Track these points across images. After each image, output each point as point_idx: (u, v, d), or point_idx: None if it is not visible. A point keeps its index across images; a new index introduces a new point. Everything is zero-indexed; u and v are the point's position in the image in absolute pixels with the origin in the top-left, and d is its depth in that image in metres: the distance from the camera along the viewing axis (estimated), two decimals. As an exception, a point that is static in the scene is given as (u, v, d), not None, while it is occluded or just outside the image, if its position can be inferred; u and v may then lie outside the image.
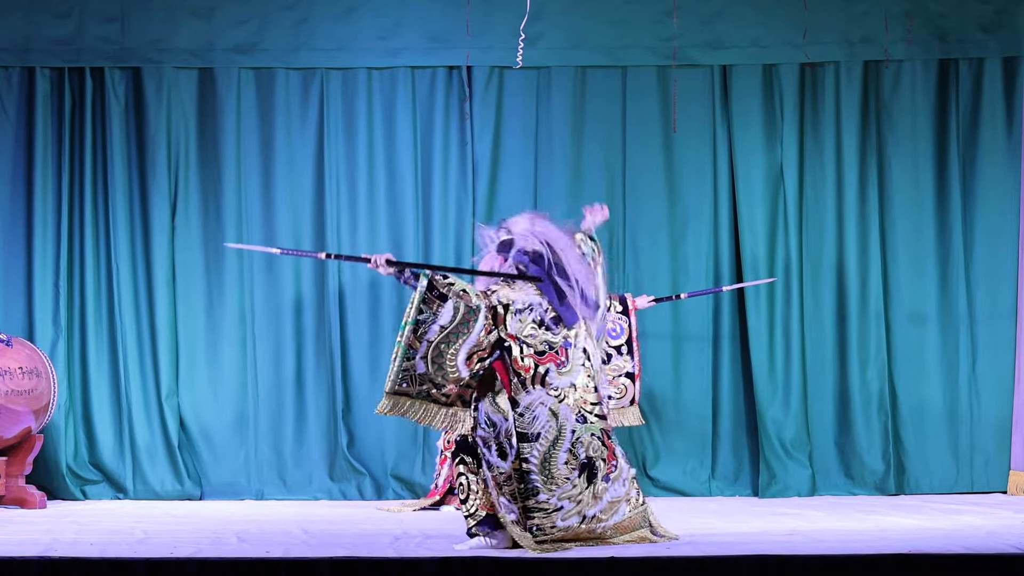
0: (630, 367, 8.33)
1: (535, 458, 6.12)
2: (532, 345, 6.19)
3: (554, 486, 6.12)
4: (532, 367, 6.18)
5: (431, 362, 6.06)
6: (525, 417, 6.15)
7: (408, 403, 6.08)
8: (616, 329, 8.33)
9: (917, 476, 8.97)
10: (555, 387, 6.21)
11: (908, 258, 9.09)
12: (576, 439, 6.19)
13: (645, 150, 9.13)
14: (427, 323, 6.06)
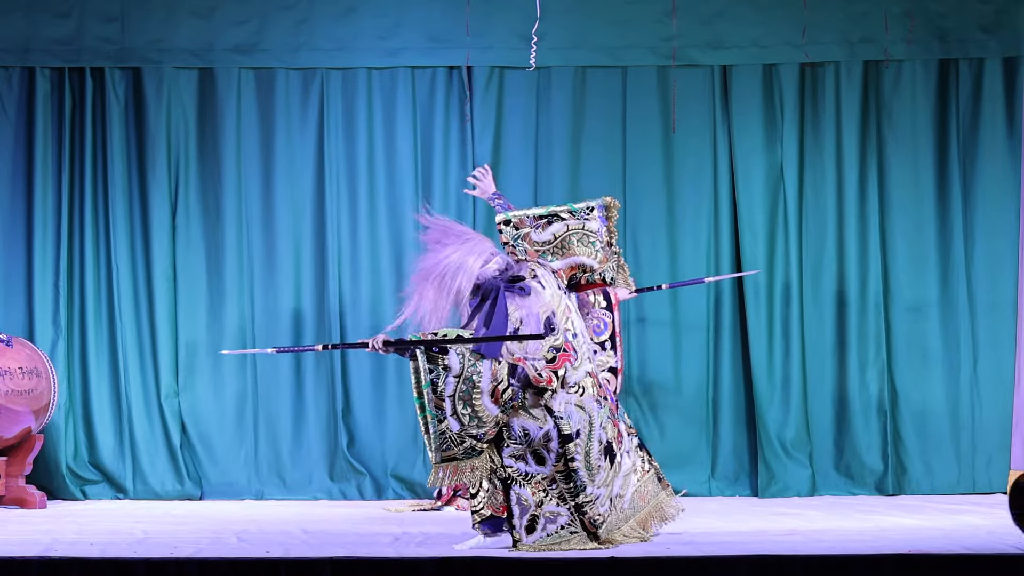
0: (613, 362, 8.37)
1: (579, 456, 6.16)
2: (541, 357, 6.19)
3: (594, 477, 6.18)
4: (554, 376, 6.19)
5: (462, 415, 6.04)
6: (564, 420, 6.17)
7: (458, 466, 6.08)
8: (600, 325, 8.36)
9: (917, 476, 8.97)
10: (573, 384, 6.23)
11: (908, 258, 9.09)
12: (601, 426, 6.25)
13: (645, 150, 9.13)
14: (440, 379, 6.02)
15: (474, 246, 6.31)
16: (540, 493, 6.18)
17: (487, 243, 6.38)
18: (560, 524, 6.16)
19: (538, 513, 6.16)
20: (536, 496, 6.17)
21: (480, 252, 6.30)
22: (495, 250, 6.36)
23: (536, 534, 6.15)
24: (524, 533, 6.13)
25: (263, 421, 8.95)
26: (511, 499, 6.18)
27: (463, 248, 6.29)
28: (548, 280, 6.37)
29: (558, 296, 6.34)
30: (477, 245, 6.33)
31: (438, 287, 6.21)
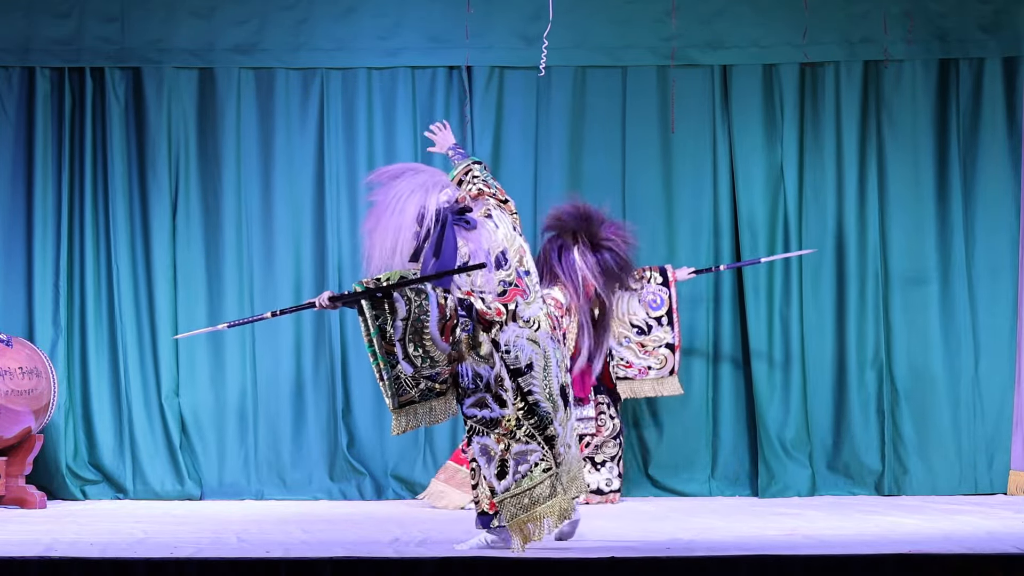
0: (670, 338, 8.52)
1: (537, 387, 6.10)
2: (490, 291, 6.10)
3: (555, 412, 6.12)
4: (503, 309, 6.12)
5: (414, 357, 5.95)
6: (511, 353, 6.10)
7: (415, 411, 6.01)
8: (656, 300, 8.50)
9: (917, 476, 8.97)
10: (527, 318, 6.16)
11: (908, 258, 9.09)
12: (558, 363, 6.19)
13: (645, 150, 9.13)
14: (388, 324, 5.91)
15: (427, 177, 6.23)
16: (506, 438, 6.10)
17: (440, 175, 6.29)
18: (533, 461, 6.06)
19: (507, 457, 6.07)
20: (501, 443, 6.09)
21: (433, 182, 6.22)
22: (447, 182, 6.28)
23: (508, 479, 6.05)
24: (496, 481, 6.06)
25: (263, 421, 8.95)
26: (476, 451, 6.13)
27: (416, 178, 6.21)
28: (503, 220, 6.30)
29: (511, 236, 6.26)
30: (431, 176, 6.24)
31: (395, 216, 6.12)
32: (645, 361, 8.60)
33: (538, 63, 9.02)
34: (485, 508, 6.20)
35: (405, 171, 6.30)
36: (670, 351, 8.59)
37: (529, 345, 6.13)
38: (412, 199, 6.17)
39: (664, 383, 8.62)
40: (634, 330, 8.61)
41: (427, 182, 6.23)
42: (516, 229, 6.32)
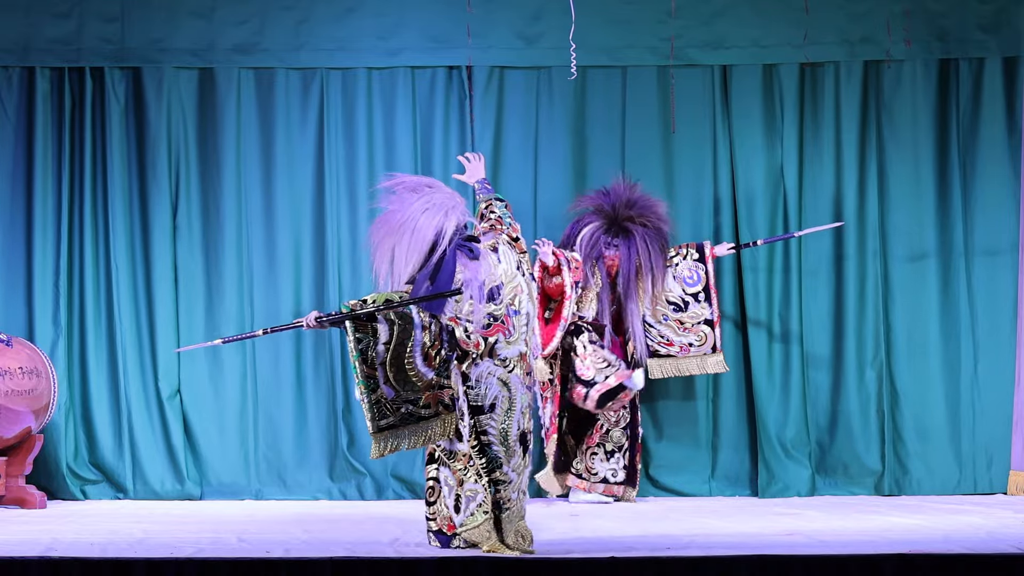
0: (708, 314, 8.57)
1: (493, 429, 6.14)
2: (475, 321, 6.13)
3: (510, 457, 6.17)
4: (481, 342, 6.16)
5: (395, 382, 5.98)
6: (477, 389, 6.14)
7: (395, 434, 6.01)
8: (692, 276, 8.55)
9: (917, 476, 8.97)
10: (503, 357, 6.20)
11: (908, 259, 9.09)
12: (524, 408, 6.23)
13: (645, 150, 9.13)
14: (370, 348, 5.94)
15: (446, 198, 6.24)
16: (461, 472, 6.16)
17: (457, 197, 6.30)
18: (478, 502, 6.14)
19: (460, 492, 6.15)
20: (457, 475, 6.17)
21: (452, 204, 6.24)
22: (463, 206, 6.30)
23: (461, 515, 6.16)
24: (453, 512, 6.14)
25: (263, 421, 8.94)
26: (438, 475, 6.21)
27: (434, 197, 6.22)
28: (508, 256, 6.32)
29: (512, 274, 6.28)
30: (450, 198, 6.26)
31: (412, 234, 6.13)
32: (685, 338, 8.63)
33: (539, 63, 9.04)
34: (444, 529, 6.23)
35: (422, 186, 6.29)
36: (709, 327, 8.62)
37: (497, 385, 6.18)
38: (431, 218, 6.17)
39: (707, 360, 8.67)
40: (671, 307, 8.62)
41: (446, 203, 6.24)
42: (520, 268, 6.34)
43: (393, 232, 6.17)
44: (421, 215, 6.17)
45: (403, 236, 6.15)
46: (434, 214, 6.19)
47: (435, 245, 6.18)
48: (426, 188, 6.28)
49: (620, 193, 8.55)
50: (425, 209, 6.19)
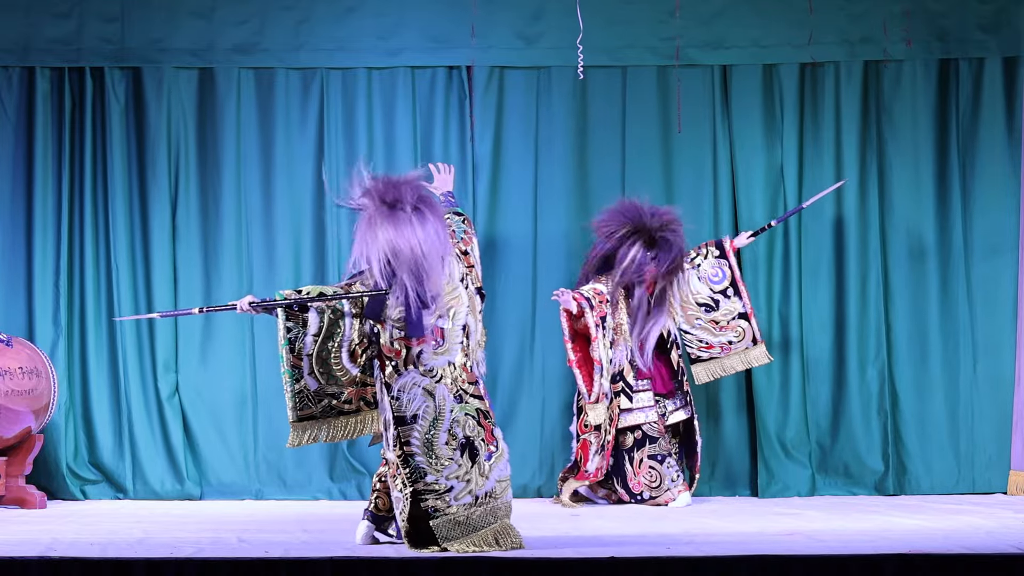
0: (740, 307, 8.53)
1: (416, 440, 6.17)
2: (403, 328, 6.18)
3: (440, 467, 6.18)
4: (403, 350, 6.19)
5: (319, 374, 6.09)
6: (400, 400, 6.18)
7: (316, 426, 6.12)
8: (717, 274, 8.52)
9: (917, 476, 8.97)
10: (429, 367, 6.22)
11: (908, 259, 9.09)
12: (454, 418, 6.23)
13: (645, 150, 9.13)
14: (299, 338, 6.06)
15: (443, 239, 6.27)
16: (390, 478, 6.27)
17: (448, 245, 6.33)
18: (400, 508, 6.21)
19: (397, 495, 6.26)
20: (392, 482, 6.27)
21: (446, 249, 6.28)
22: (449, 249, 6.35)
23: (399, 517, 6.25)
24: (399, 516, 6.24)
25: (263, 421, 8.94)
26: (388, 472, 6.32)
27: (439, 233, 6.26)
28: (452, 267, 6.36)
29: (453, 284, 6.31)
30: (445, 243, 6.29)
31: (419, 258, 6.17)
32: (724, 336, 8.60)
33: (539, 63, 9.04)
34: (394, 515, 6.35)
35: (432, 209, 6.28)
36: (744, 320, 8.56)
37: (422, 396, 6.20)
38: (435, 251, 6.20)
39: (750, 354, 8.63)
40: (702, 309, 8.59)
41: (445, 246, 6.26)
42: (464, 281, 6.38)
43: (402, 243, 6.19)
44: (428, 245, 6.19)
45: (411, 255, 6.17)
46: (437, 248, 6.22)
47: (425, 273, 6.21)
48: (435, 219, 6.28)
49: (641, 207, 8.45)
50: (432, 241, 6.21)
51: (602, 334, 8.29)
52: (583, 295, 8.35)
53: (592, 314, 8.29)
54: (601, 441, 8.37)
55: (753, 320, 8.60)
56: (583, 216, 9.08)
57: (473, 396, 6.29)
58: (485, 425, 6.30)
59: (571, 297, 8.30)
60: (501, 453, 6.34)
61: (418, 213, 6.22)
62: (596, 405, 8.28)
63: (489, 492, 6.24)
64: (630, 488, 8.42)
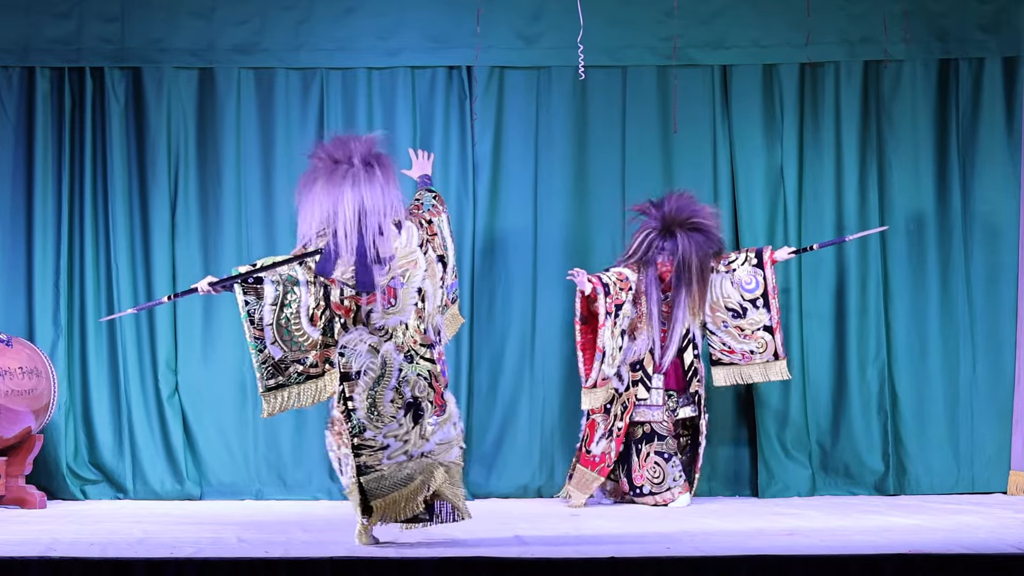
0: (767, 320, 8.46)
1: (359, 395, 6.33)
2: (352, 286, 6.33)
3: (380, 423, 6.33)
4: (353, 308, 6.34)
5: (283, 343, 6.24)
6: (345, 356, 6.34)
7: (287, 393, 6.29)
8: (751, 282, 8.48)
9: (917, 476, 8.97)
10: (379, 326, 6.37)
11: (908, 259, 9.09)
12: (403, 377, 6.36)
13: (645, 150, 9.13)
14: (257, 310, 6.21)
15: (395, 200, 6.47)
16: (338, 436, 6.41)
17: (400, 208, 6.51)
18: (351, 465, 6.36)
19: (340, 455, 6.42)
20: (336, 440, 6.42)
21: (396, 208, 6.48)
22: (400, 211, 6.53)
23: (345, 477, 6.41)
24: (340, 475, 6.41)
25: (263, 421, 8.93)
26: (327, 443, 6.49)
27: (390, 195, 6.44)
28: (411, 233, 6.50)
29: (410, 250, 6.46)
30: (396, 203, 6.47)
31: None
32: (747, 345, 8.54)
33: (539, 63, 9.04)
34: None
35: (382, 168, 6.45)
36: (768, 333, 8.49)
37: (368, 353, 6.35)
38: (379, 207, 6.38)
39: (770, 368, 8.56)
40: (730, 313, 8.56)
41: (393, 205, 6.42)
42: (424, 247, 6.52)
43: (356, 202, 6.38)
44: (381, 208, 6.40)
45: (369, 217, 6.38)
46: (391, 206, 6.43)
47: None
48: (386, 185, 6.45)
49: (671, 200, 8.45)
50: (386, 203, 6.42)
51: (612, 321, 8.27)
52: (600, 279, 8.31)
53: (606, 300, 8.26)
54: (609, 425, 8.37)
55: (778, 335, 8.52)
56: (583, 216, 9.09)
57: (424, 359, 6.42)
58: (436, 387, 6.44)
59: (586, 279, 8.26)
60: (448, 417, 6.47)
61: (368, 169, 6.39)
62: (591, 391, 8.29)
63: (426, 453, 6.38)
64: (632, 479, 8.42)
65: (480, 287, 9.05)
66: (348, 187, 6.34)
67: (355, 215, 6.31)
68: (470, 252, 9.02)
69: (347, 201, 6.32)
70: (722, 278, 8.55)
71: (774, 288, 8.50)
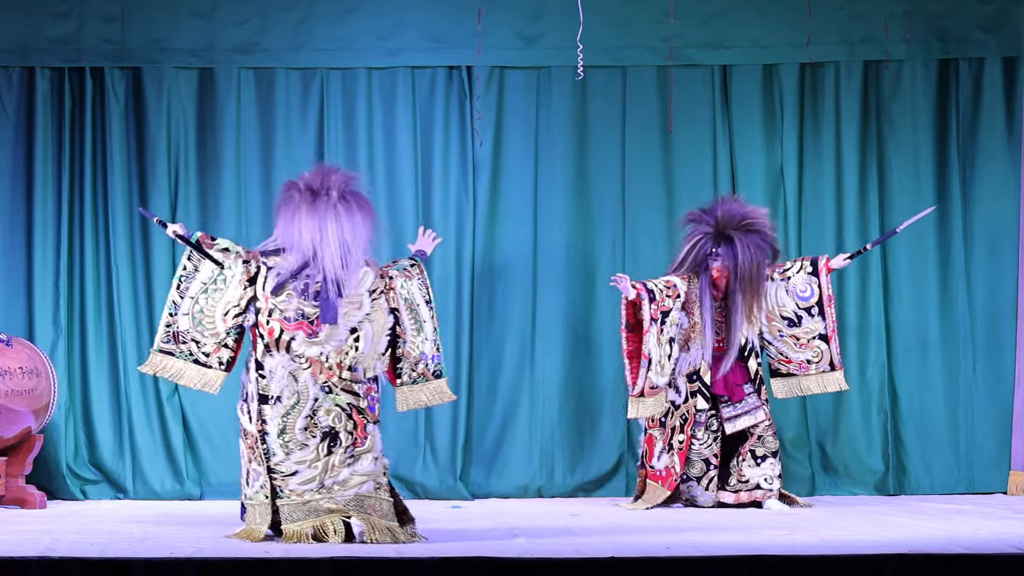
0: (822, 328, 8.30)
1: (272, 420, 6.45)
2: (284, 310, 6.49)
3: (288, 449, 6.46)
4: (276, 331, 6.50)
5: (192, 318, 6.53)
6: (266, 379, 6.48)
7: (172, 363, 6.57)
8: (806, 290, 8.35)
9: (917, 476, 8.97)
10: (299, 353, 6.49)
11: (908, 258, 9.10)
12: (318, 406, 6.48)
13: (645, 150, 9.13)
14: (189, 278, 6.57)
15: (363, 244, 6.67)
16: (249, 450, 6.56)
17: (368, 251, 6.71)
18: (261, 483, 6.49)
19: (249, 468, 6.58)
20: (248, 453, 6.56)
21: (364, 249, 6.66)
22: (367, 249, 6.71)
23: (250, 487, 6.55)
24: (245, 484, 6.59)
25: (263, 421, 8.93)
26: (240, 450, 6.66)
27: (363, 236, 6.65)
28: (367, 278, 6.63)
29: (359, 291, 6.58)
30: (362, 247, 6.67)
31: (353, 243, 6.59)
32: (802, 354, 8.36)
33: (539, 63, 9.04)
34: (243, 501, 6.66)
35: (358, 202, 6.65)
36: (824, 342, 8.31)
37: (287, 378, 6.49)
38: (356, 241, 6.60)
39: (827, 378, 8.35)
40: (785, 322, 8.40)
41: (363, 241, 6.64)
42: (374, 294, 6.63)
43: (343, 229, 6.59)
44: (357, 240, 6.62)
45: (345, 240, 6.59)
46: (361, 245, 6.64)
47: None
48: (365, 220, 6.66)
49: (722, 205, 8.34)
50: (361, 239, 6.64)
51: (658, 328, 8.10)
52: (644, 286, 8.17)
53: (651, 306, 8.10)
54: (668, 439, 8.27)
55: (833, 344, 8.34)
56: (583, 216, 9.08)
57: (345, 391, 6.52)
58: (358, 420, 6.52)
59: (630, 285, 8.12)
60: (367, 449, 6.54)
61: (344, 203, 6.56)
62: (639, 399, 8.11)
63: (341, 482, 6.46)
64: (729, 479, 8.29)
65: (480, 287, 9.04)
66: (332, 219, 6.53)
67: (338, 246, 6.51)
68: (470, 252, 9.02)
69: (331, 232, 6.51)
70: (777, 286, 8.39)
71: (829, 297, 8.33)
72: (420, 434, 8.94)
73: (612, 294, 9.05)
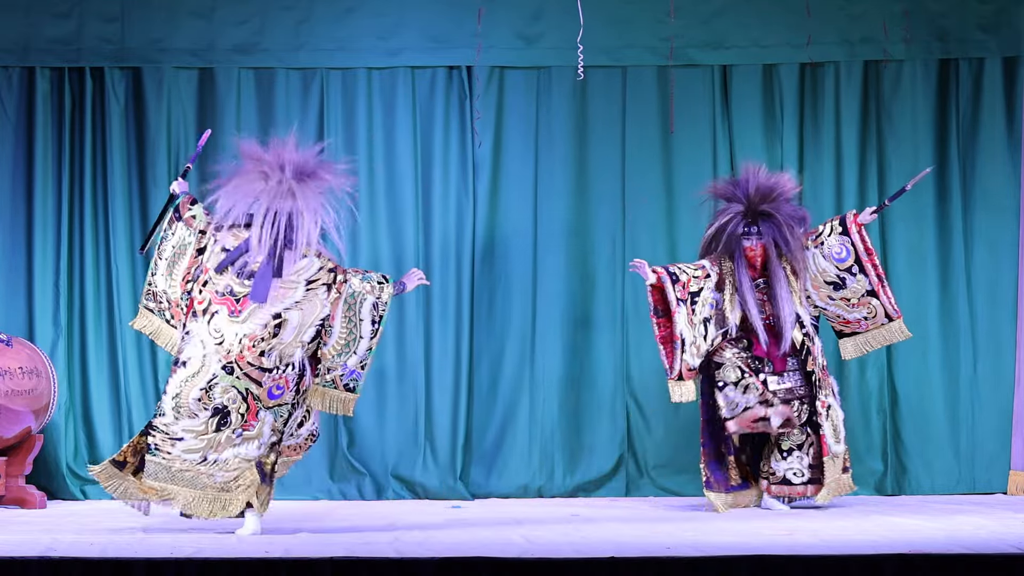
0: (867, 285, 8.19)
1: (173, 382, 6.65)
2: (216, 283, 6.65)
3: (179, 415, 6.62)
4: (206, 301, 6.67)
5: (164, 278, 6.83)
6: (184, 341, 6.71)
7: (154, 321, 6.97)
8: (841, 252, 8.20)
9: (917, 476, 8.97)
10: (216, 330, 6.63)
11: (908, 258, 9.09)
12: (214, 382, 6.60)
13: (645, 150, 9.13)
14: (165, 240, 6.87)
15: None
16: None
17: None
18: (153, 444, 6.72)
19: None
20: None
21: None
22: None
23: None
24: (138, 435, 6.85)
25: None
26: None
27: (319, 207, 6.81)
28: (310, 267, 6.71)
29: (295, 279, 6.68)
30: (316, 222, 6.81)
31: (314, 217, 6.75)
32: (857, 313, 8.24)
33: (539, 63, 9.04)
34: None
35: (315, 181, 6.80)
36: (873, 297, 8.18)
37: (197, 347, 6.65)
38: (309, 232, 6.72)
39: (887, 330, 8.25)
40: (831, 287, 8.24)
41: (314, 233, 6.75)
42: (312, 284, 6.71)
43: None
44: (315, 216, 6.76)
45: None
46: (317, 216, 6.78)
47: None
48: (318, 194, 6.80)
49: (750, 181, 8.18)
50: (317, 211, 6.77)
51: (687, 308, 8.00)
52: (666, 269, 8.07)
53: (675, 288, 8.00)
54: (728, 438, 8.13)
55: (883, 296, 8.21)
56: (583, 216, 9.08)
57: (248, 376, 6.61)
58: (251, 405, 6.63)
59: (649, 269, 8.04)
60: (254, 436, 6.64)
61: (300, 184, 6.72)
62: (678, 382, 8.01)
63: (220, 461, 6.61)
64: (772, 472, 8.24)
65: (480, 287, 9.04)
66: (279, 198, 6.67)
67: (284, 225, 6.63)
68: (470, 252, 9.02)
69: (274, 212, 6.66)
70: (813, 254, 8.22)
71: (867, 251, 8.17)
72: (420, 434, 8.93)
73: (613, 294, 9.07)
